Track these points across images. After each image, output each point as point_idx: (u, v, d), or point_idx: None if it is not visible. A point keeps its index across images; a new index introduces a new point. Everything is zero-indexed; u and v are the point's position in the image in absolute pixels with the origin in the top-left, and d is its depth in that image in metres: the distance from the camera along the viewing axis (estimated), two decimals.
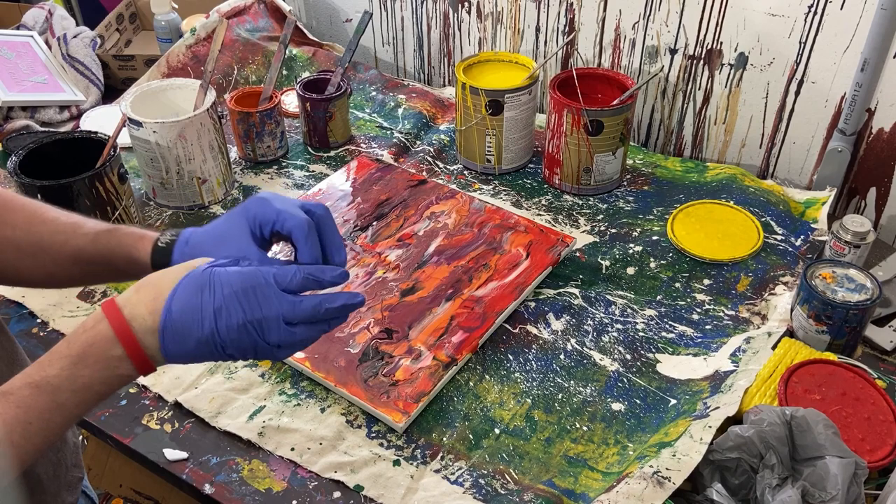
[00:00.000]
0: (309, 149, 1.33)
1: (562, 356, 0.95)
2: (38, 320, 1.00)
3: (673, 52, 1.25)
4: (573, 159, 1.18)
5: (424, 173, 1.26)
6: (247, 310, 0.56)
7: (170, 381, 0.91)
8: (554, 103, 1.17)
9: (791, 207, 1.16)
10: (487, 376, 0.93)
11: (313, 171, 1.27)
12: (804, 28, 1.12)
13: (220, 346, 0.57)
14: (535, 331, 0.99)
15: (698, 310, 1.01)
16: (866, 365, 0.89)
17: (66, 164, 1.01)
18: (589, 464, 0.84)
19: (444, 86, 1.54)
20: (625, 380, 0.92)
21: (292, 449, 0.85)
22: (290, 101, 1.43)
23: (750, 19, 1.16)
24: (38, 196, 0.97)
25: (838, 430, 0.74)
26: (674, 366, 0.94)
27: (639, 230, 1.14)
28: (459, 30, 1.46)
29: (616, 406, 0.90)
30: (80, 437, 1.38)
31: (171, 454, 0.85)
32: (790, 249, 1.09)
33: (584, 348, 0.96)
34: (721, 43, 1.20)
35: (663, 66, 1.27)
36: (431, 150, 1.31)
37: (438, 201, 1.16)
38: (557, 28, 1.34)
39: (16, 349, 0.72)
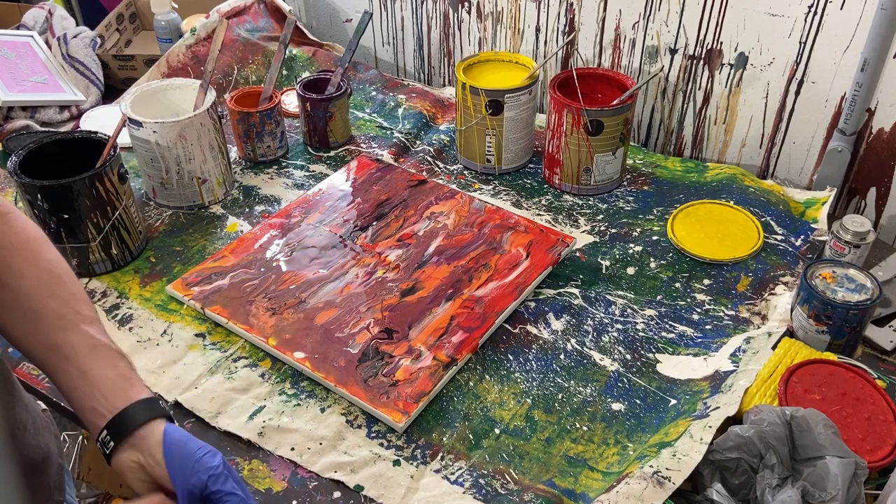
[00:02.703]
0: (309, 149, 1.33)
1: (562, 356, 0.95)
2: None
3: (673, 52, 1.25)
4: (573, 159, 1.18)
5: (424, 173, 1.26)
6: None
7: (170, 381, 0.91)
8: (554, 103, 1.17)
9: (791, 207, 1.16)
10: (487, 376, 0.93)
11: (313, 171, 1.27)
12: (804, 28, 1.12)
13: None
14: (535, 331, 0.99)
15: (698, 310, 1.01)
16: (866, 365, 0.89)
17: (66, 164, 1.01)
18: (589, 464, 0.84)
19: (444, 86, 1.54)
20: (625, 380, 0.92)
21: (292, 449, 0.85)
22: (290, 101, 1.43)
23: (750, 19, 1.16)
24: (39, 196, 0.97)
25: (838, 430, 0.74)
26: (674, 366, 0.94)
27: (639, 230, 1.14)
28: (459, 30, 1.46)
29: (616, 406, 0.90)
30: (80, 439, 1.39)
31: None
32: (790, 249, 1.08)
33: (584, 348, 0.96)
34: (721, 43, 1.20)
35: (663, 66, 1.27)
36: (431, 150, 1.31)
37: (438, 201, 1.16)
38: (557, 28, 1.34)
39: (6, 371, 0.72)
